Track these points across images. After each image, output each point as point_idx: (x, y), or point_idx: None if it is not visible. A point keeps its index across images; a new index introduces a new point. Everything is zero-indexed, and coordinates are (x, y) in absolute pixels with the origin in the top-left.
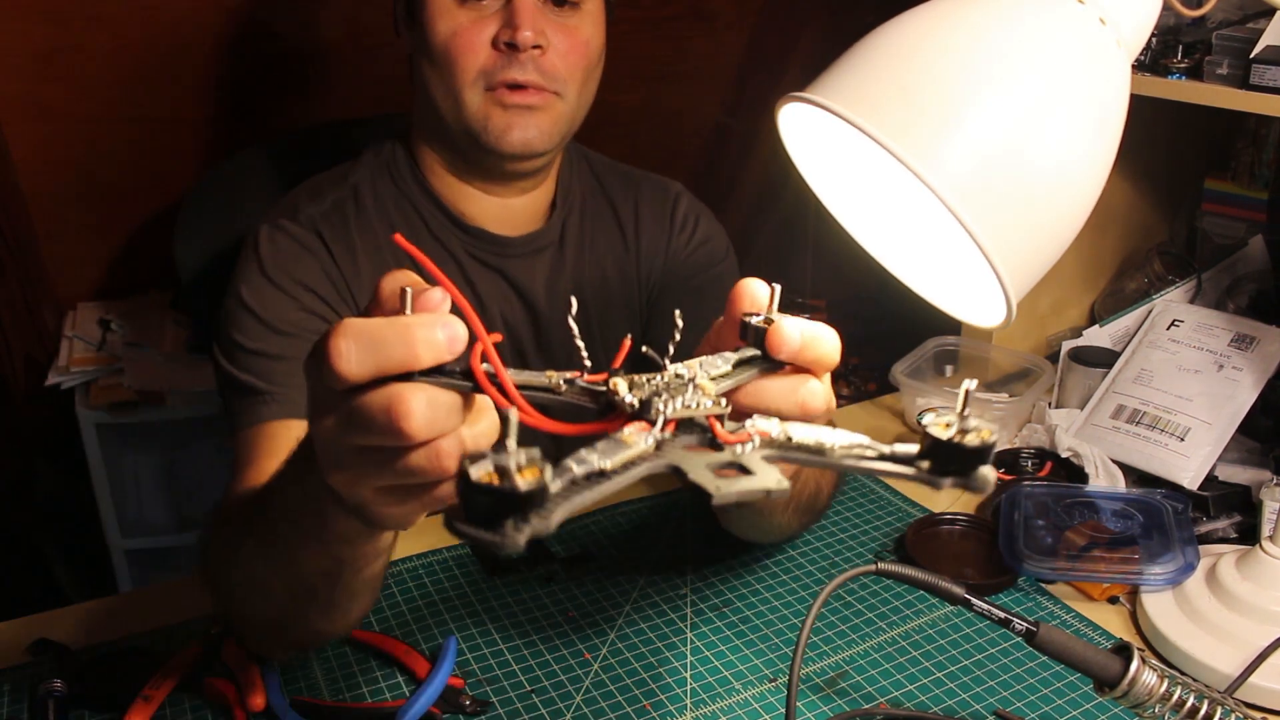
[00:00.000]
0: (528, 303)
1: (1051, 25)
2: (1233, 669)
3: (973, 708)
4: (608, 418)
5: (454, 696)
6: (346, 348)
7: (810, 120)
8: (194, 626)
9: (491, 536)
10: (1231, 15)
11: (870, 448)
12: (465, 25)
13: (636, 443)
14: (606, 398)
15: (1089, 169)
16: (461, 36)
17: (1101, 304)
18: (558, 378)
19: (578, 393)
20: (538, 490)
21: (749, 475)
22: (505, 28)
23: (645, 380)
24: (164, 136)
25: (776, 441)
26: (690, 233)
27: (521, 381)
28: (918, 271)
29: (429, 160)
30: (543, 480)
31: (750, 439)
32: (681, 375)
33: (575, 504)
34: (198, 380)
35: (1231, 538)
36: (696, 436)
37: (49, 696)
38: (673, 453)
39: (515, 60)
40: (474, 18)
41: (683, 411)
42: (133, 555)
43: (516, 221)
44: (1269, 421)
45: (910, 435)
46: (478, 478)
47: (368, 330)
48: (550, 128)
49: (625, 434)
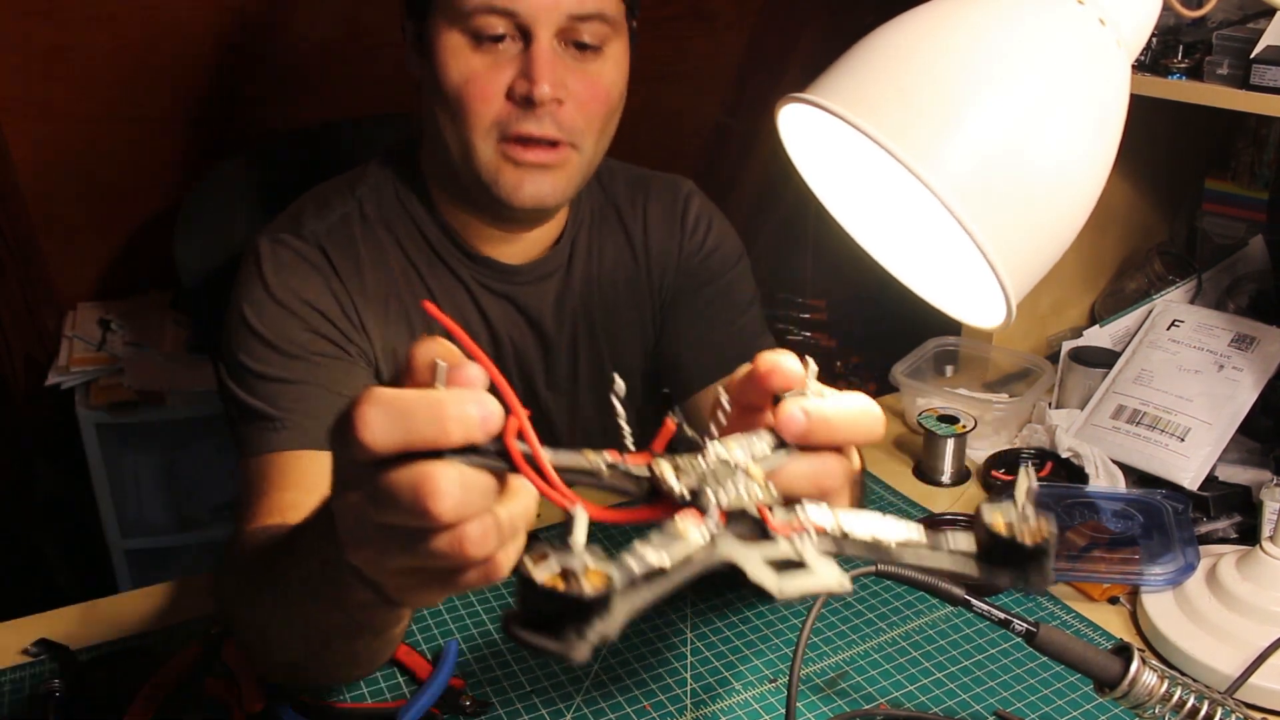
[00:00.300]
0: (536, 328)
1: (1051, 25)
2: (1233, 669)
3: (973, 708)
4: (653, 504)
5: (454, 697)
6: (374, 417)
7: (810, 121)
8: (194, 626)
9: (555, 646)
10: (1231, 15)
11: (926, 544)
12: (480, 71)
13: (690, 535)
14: (652, 483)
15: (1089, 169)
16: (475, 83)
17: (1101, 304)
18: (597, 459)
19: (620, 476)
20: (602, 598)
21: (808, 572)
22: (522, 78)
23: (689, 464)
24: (164, 136)
25: (831, 534)
26: (703, 237)
27: (559, 463)
28: (918, 271)
29: (436, 190)
30: (610, 586)
31: (803, 530)
32: (725, 460)
33: (636, 605)
34: (198, 380)
35: (1231, 538)
36: (747, 525)
37: (49, 696)
38: (726, 545)
39: (531, 114)
40: (489, 63)
41: (735, 501)
42: (133, 555)
43: (526, 250)
44: (1269, 421)
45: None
46: (542, 581)
47: (397, 402)
48: (565, 184)
49: (678, 526)
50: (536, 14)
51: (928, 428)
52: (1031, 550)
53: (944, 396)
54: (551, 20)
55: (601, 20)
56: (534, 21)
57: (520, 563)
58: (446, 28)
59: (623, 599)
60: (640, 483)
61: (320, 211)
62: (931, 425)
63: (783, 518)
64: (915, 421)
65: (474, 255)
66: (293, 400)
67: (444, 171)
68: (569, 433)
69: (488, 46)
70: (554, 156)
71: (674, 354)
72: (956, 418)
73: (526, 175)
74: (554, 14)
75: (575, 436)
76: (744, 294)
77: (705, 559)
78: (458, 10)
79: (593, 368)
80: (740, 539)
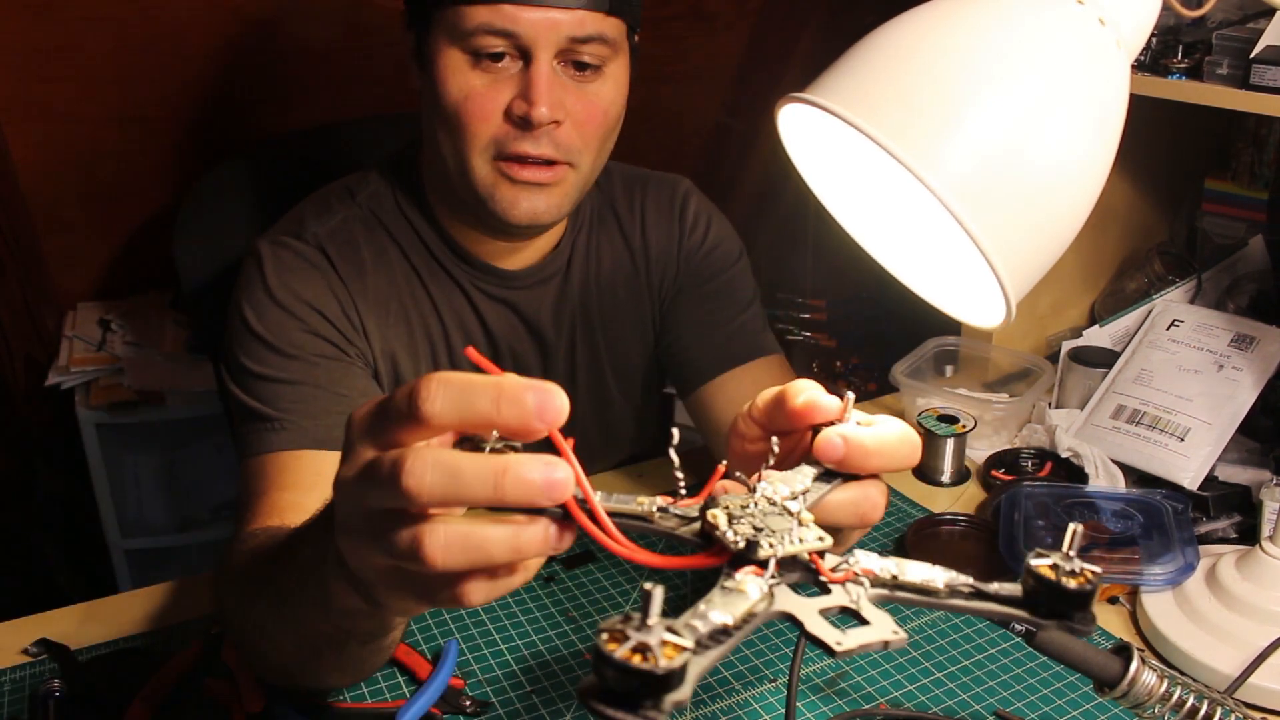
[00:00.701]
0: (535, 332)
1: (1051, 25)
2: (1233, 669)
3: (973, 708)
4: (709, 552)
5: (454, 697)
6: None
7: (810, 121)
8: (194, 626)
9: (631, 717)
10: (1231, 15)
11: (974, 588)
12: (478, 89)
13: (750, 591)
14: (705, 529)
15: (1089, 169)
16: (474, 101)
17: (1101, 304)
18: (649, 504)
19: (671, 520)
20: (678, 671)
21: (865, 624)
22: (520, 99)
23: (740, 507)
24: (164, 136)
25: (882, 581)
26: (702, 235)
27: (612, 509)
28: (918, 271)
29: (436, 199)
30: (686, 658)
31: (855, 577)
32: (774, 501)
33: (705, 665)
34: (198, 380)
35: (1231, 538)
36: (799, 571)
37: (49, 696)
38: (784, 597)
39: (529, 135)
40: (488, 81)
41: (789, 549)
42: (133, 555)
43: (525, 256)
44: (1269, 421)
45: None
46: (620, 657)
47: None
48: (561, 200)
49: (738, 581)
50: (536, 36)
51: (928, 428)
52: (1075, 594)
53: (944, 396)
54: (551, 42)
55: (601, 42)
56: (533, 43)
57: (597, 638)
58: (446, 44)
59: (693, 663)
60: (691, 524)
61: (321, 215)
62: (931, 425)
63: (833, 563)
64: (915, 421)
65: (473, 261)
66: (292, 401)
67: (442, 182)
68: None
69: (487, 65)
70: (550, 175)
71: (676, 352)
72: (956, 418)
73: (522, 192)
74: (553, 36)
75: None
76: (745, 291)
77: (765, 612)
78: (458, 29)
79: (591, 370)
80: (793, 588)
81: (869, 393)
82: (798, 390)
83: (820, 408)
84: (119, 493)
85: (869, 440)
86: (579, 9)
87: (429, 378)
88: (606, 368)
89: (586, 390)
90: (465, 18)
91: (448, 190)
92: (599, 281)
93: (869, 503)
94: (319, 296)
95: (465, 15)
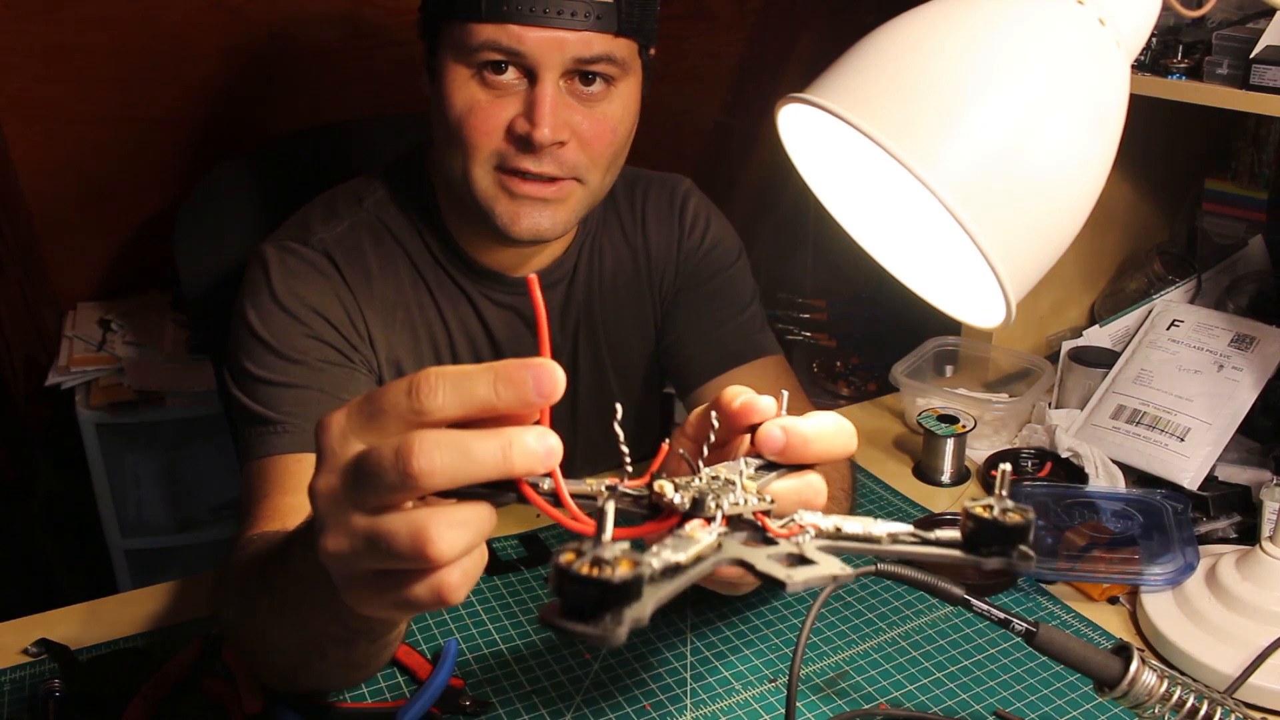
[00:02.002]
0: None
1: (1051, 25)
2: (1233, 669)
3: (973, 708)
4: (658, 519)
5: (454, 697)
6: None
7: (810, 121)
8: (194, 626)
9: (593, 630)
10: (1231, 15)
11: (915, 535)
12: (483, 104)
13: (700, 536)
14: (653, 500)
15: (1088, 169)
16: (477, 115)
17: (1101, 304)
18: (597, 484)
19: (621, 498)
20: (634, 581)
21: (812, 564)
22: (523, 118)
23: (686, 482)
24: (164, 136)
25: (827, 533)
26: (702, 234)
27: (569, 490)
28: (918, 271)
29: (444, 205)
30: (639, 570)
31: (803, 530)
32: (719, 477)
33: (661, 595)
34: (198, 380)
35: (1231, 538)
36: (747, 533)
37: (49, 696)
38: (733, 546)
39: (530, 154)
40: (493, 96)
41: (734, 509)
42: (133, 555)
43: (532, 265)
44: (1269, 421)
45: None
46: (577, 569)
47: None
48: (566, 216)
49: (688, 530)
50: (542, 56)
51: (927, 428)
52: (1013, 529)
53: (944, 396)
54: (556, 63)
55: (609, 62)
56: (539, 63)
57: (554, 556)
58: (452, 58)
59: (650, 587)
60: (640, 502)
61: (328, 220)
62: (931, 425)
63: (779, 523)
64: (915, 421)
65: (479, 269)
66: (294, 404)
67: (450, 189)
68: (570, 439)
69: (493, 80)
70: (553, 190)
71: (676, 352)
72: (956, 418)
73: (524, 207)
74: (559, 57)
75: (575, 442)
76: (745, 290)
77: (716, 557)
78: (464, 45)
79: (594, 371)
80: (745, 544)
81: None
82: (734, 393)
83: (757, 408)
84: (119, 493)
85: (808, 428)
86: (586, 30)
87: (427, 373)
88: (609, 369)
89: (589, 391)
90: (471, 35)
91: (454, 198)
92: (602, 284)
93: (811, 489)
94: (324, 302)
95: (471, 32)
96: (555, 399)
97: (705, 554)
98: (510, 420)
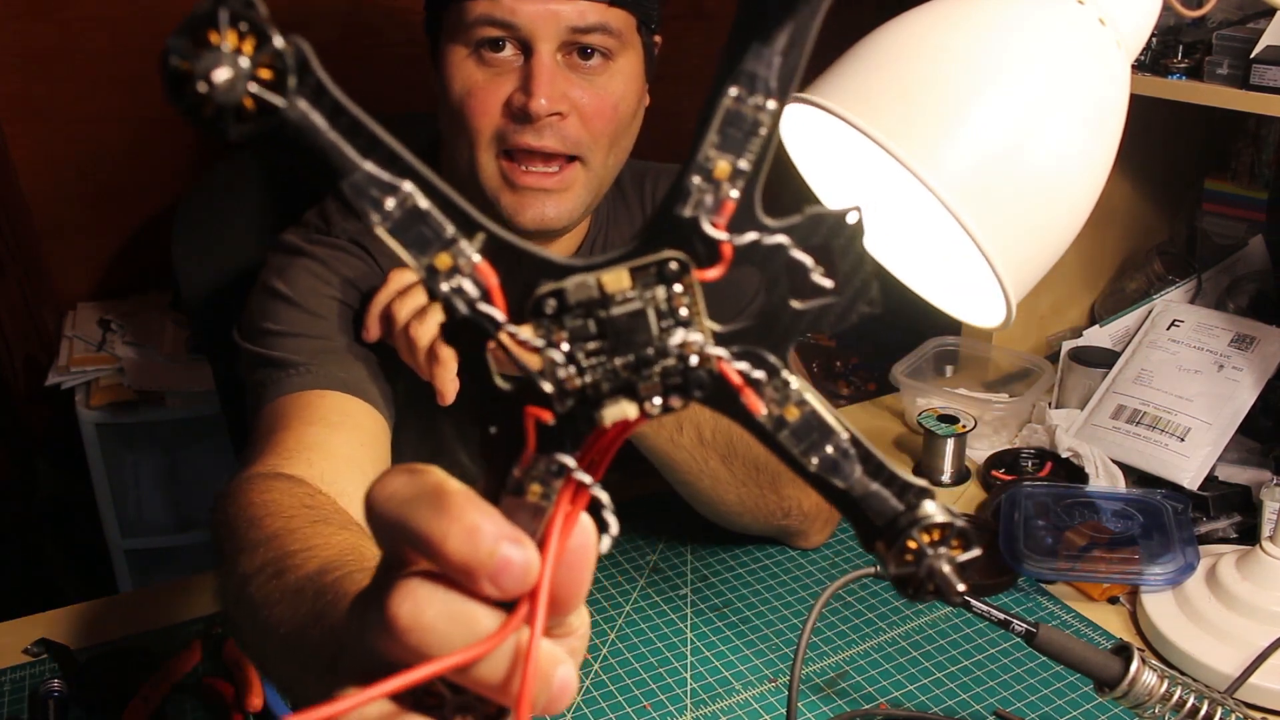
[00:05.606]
0: None
1: (1051, 25)
2: (1233, 669)
3: (973, 708)
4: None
5: None
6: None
7: (810, 121)
8: (194, 626)
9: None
10: (1231, 15)
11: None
12: (480, 84)
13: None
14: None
15: (1089, 169)
16: (476, 96)
17: (1101, 304)
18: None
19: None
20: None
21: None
22: (519, 91)
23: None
24: (164, 136)
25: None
26: None
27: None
28: (918, 271)
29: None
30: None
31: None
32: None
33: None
34: (198, 380)
35: (1231, 538)
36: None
37: (49, 696)
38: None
39: (530, 127)
40: (490, 75)
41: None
42: (133, 555)
43: None
44: (1269, 421)
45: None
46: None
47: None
48: (572, 204)
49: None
50: (535, 27)
51: (928, 428)
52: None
53: (944, 396)
54: (551, 33)
55: (605, 32)
56: (533, 35)
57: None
58: (451, 41)
59: None
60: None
61: (349, 216)
62: (931, 425)
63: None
64: (915, 421)
65: None
66: (314, 351)
67: (459, 187)
68: None
69: (490, 59)
70: (556, 180)
71: None
72: (956, 418)
73: (527, 197)
74: (553, 26)
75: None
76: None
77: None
78: (460, 24)
79: None
80: None
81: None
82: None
83: None
84: (119, 493)
85: None
86: (580, 0)
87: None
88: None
89: None
90: (466, 12)
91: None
92: None
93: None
94: (357, 274)
95: (466, 9)
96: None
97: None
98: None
